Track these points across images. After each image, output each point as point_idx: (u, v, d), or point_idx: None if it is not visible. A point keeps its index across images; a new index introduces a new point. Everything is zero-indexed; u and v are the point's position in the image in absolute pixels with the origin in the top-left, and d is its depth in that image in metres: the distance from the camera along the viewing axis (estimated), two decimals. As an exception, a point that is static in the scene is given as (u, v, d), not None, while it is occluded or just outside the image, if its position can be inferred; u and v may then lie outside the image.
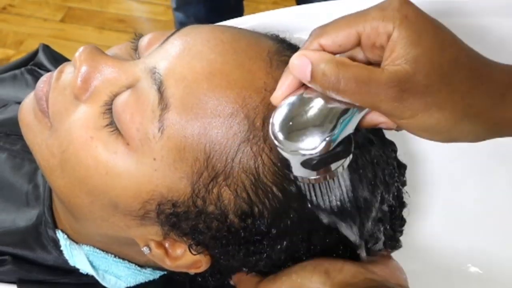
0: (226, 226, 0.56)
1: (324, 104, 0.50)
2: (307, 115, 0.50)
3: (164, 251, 0.60)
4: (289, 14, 0.91)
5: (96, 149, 0.56)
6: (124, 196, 0.56)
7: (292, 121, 0.50)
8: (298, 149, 0.50)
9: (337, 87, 0.48)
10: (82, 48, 0.59)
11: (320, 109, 0.50)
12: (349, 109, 0.50)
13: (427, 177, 0.94)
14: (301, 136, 0.50)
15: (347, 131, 0.51)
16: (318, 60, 0.48)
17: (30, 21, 2.14)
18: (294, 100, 0.51)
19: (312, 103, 0.50)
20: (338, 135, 0.50)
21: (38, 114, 0.60)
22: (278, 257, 0.58)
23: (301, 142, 0.50)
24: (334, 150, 0.50)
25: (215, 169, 0.54)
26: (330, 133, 0.49)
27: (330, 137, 0.49)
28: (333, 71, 0.48)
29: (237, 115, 0.54)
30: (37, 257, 0.68)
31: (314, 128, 0.50)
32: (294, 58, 0.49)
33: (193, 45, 0.56)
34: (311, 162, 0.50)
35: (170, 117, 0.54)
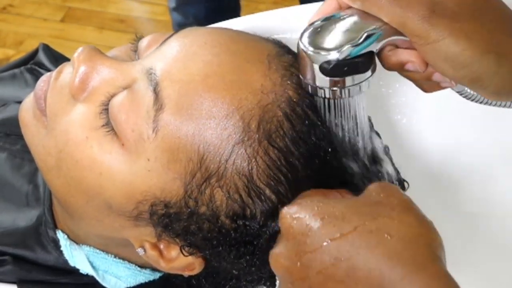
0: (217, 227, 0.56)
1: (355, 19, 0.52)
2: (336, 24, 0.52)
3: (158, 252, 0.60)
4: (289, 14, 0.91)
5: (91, 149, 0.56)
6: (118, 196, 0.56)
7: (321, 27, 0.52)
8: (320, 48, 0.51)
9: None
10: (81, 49, 0.59)
11: (350, 22, 0.52)
12: (377, 29, 0.51)
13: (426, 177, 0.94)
14: (326, 38, 0.51)
15: (370, 46, 0.51)
16: None
17: (30, 21, 2.14)
18: (328, 16, 0.53)
19: (344, 19, 0.52)
20: (361, 45, 0.51)
21: (37, 114, 0.60)
22: None
23: (324, 42, 0.51)
24: (355, 59, 0.51)
25: (208, 170, 0.54)
26: (354, 39, 0.51)
27: (353, 43, 0.50)
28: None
29: (232, 116, 0.54)
30: (37, 258, 0.68)
31: (339, 33, 0.51)
32: None
33: (190, 47, 0.57)
34: (330, 66, 0.51)
35: (165, 117, 0.54)
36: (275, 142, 0.54)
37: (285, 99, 0.55)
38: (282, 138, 0.54)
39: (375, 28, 0.51)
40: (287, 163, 0.54)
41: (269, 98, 0.54)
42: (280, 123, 0.54)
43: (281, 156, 0.54)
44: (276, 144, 0.54)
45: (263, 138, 0.54)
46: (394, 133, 0.64)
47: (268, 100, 0.54)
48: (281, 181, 0.55)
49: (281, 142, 0.54)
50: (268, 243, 0.56)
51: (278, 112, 0.54)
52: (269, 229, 0.56)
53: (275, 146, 0.54)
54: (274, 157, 0.54)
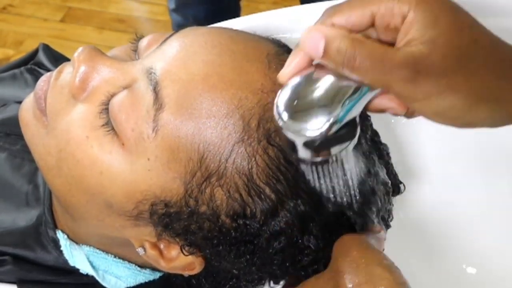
0: (218, 226, 0.56)
1: (332, 84, 0.49)
2: (313, 95, 0.49)
3: (158, 252, 0.60)
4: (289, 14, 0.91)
5: (92, 148, 0.56)
6: (119, 196, 0.56)
7: (297, 100, 0.49)
8: (301, 129, 0.49)
9: (351, 64, 0.46)
10: (81, 49, 0.59)
11: (326, 89, 0.49)
12: (357, 90, 0.49)
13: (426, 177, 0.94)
14: (306, 116, 0.49)
15: (353, 114, 0.49)
16: (332, 36, 0.47)
17: (30, 21, 2.14)
18: (301, 79, 0.50)
19: (319, 83, 0.49)
20: (344, 117, 0.49)
21: (37, 113, 0.60)
22: (273, 260, 0.58)
23: (305, 122, 0.49)
24: (339, 132, 0.49)
25: (208, 169, 0.54)
26: (335, 115, 0.48)
27: (335, 119, 0.48)
28: (348, 48, 0.46)
29: (232, 115, 0.54)
30: (37, 257, 0.68)
31: (319, 109, 0.48)
32: (305, 33, 0.48)
33: (190, 46, 0.57)
34: (314, 143, 0.49)
35: (165, 117, 0.54)
36: (275, 141, 0.54)
37: None
38: (282, 137, 0.54)
39: (355, 93, 0.48)
40: (286, 162, 0.54)
41: (269, 97, 0.54)
42: None
43: (281, 155, 0.54)
44: (276, 143, 0.54)
45: (262, 137, 0.54)
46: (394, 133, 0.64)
47: (268, 99, 0.54)
48: (281, 180, 0.55)
49: (281, 141, 0.54)
50: (268, 243, 0.56)
51: None
52: (269, 228, 0.56)
53: (275, 145, 0.54)
54: (273, 156, 0.54)
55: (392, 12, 0.47)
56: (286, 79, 0.50)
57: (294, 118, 0.49)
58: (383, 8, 0.48)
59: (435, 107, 0.48)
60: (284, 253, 0.57)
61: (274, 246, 0.56)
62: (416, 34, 0.46)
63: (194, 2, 1.67)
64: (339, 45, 0.46)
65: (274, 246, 0.56)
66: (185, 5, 1.69)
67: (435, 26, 0.46)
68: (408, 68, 0.46)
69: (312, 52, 0.48)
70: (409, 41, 0.47)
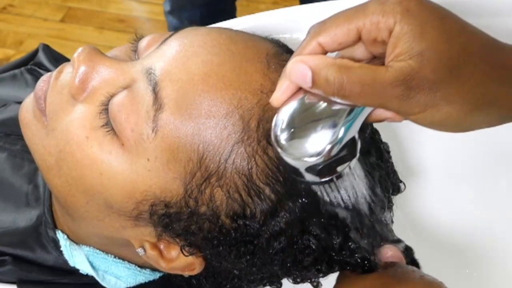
0: (218, 227, 0.56)
1: (326, 108, 0.49)
2: (309, 121, 0.49)
3: (158, 252, 0.60)
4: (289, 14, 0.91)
5: (91, 149, 0.56)
6: (118, 196, 0.56)
7: (294, 128, 0.49)
8: (302, 156, 0.49)
9: (342, 92, 0.46)
10: (81, 49, 0.59)
11: (322, 114, 0.49)
12: (352, 110, 0.49)
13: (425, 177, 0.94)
14: (304, 143, 0.49)
15: (351, 134, 0.49)
16: (319, 66, 0.46)
17: (30, 21, 2.14)
18: (295, 106, 0.49)
19: (314, 108, 0.49)
20: (343, 139, 0.49)
21: (37, 113, 0.60)
22: (273, 260, 0.58)
23: (304, 149, 0.49)
24: (339, 154, 0.49)
25: (208, 169, 0.54)
26: (334, 138, 0.48)
27: (334, 142, 0.48)
28: (336, 76, 0.46)
29: (231, 116, 0.54)
30: (37, 258, 0.68)
31: (317, 134, 0.48)
32: (291, 64, 0.47)
33: (190, 47, 0.57)
34: (316, 168, 0.49)
35: (164, 117, 0.54)
36: None
37: None
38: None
39: (350, 114, 0.48)
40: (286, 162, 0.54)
41: (269, 98, 0.54)
42: None
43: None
44: None
45: (262, 138, 0.54)
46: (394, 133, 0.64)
47: (267, 99, 0.54)
48: (280, 180, 0.55)
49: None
50: (269, 243, 0.56)
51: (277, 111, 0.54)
52: (269, 229, 0.56)
53: None
54: (273, 156, 0.54)
55: (378, 27, 0.47)
56: (279, 104, 0.50)
57: (293, 146, 0.49)
58: (368, 23, 0.47)
59: (431, 118, 0.48)
60: (284, 253, 0.57)
61: (274, 246, 0.56)
62: (404, 48, 0.46)
63: (190, 5, 1.66)
64: (326, 75, 0.46)
65: (274, 247, 0.56)
66: (180, 8, 1.68)
67: (423, 38, 0.46)
68: (400, 86, 0.46)
69: (300, 83, 0.47)
70: (398, 56, 0.46)
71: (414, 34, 0.46)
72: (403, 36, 0.46)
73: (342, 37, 0.48)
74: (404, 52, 0.46)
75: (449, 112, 0.47)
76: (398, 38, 0.46)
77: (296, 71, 0.47)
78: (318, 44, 0.49)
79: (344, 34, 0.48)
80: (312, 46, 0.49)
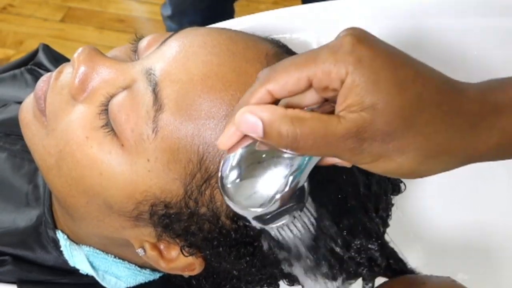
0: (218, 228, 0.56)
1: (275, 156, 0.47)
2: (257, 169, 0.47)
3: (158, 253, 0.60)
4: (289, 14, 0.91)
5: (91, 149, 0.56)
6: (118, 196, 0.56)
7: (241, 176, 0.48)
8: (249, 207, 0.48)
9: (295, 145, 0.45)
10: (81, 49, 0.59)
11: (270, 163, 0.47)
12: (300, 163, 0.47)
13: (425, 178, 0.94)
14: (252, 193, 0.48)
15: (300, 182, 0.48)
16: (270, 119, 0.44)
17: (30, 21, 2.14)
18: (243, 153, 0.48)
19: (262, 156, 0.47)
20: (291, 189, 0.48)
21: (37, 114, 0.60)
22: (273, 262, 0.58)
23: (251, 199, 0.48)
24: (287, 204, 0.48)
25: (208, 170, 0.54)
26: (283, 188, 0.47)
27: (282, 192, 0.47)
28: (289, 130, 0.44)
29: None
30: (37, 258, 0.68)
31: (265, 184, 0.47)
32: (241, 114, 0.45)
33: (190, 47, 0.57)
34: (263, 217, 0.49)
35: (164, 118, 0.54)
36: None
37: None
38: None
39: (300, 163, 0.47)
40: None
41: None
42: None
43: None
44: None
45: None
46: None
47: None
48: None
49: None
50: (268, 244, 0.56)
51: None
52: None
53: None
54: None
55: (330, 76, 0.45)
56: (225, 148, 0.48)
57: (239, 195, 0.48)
58: (320, 72, 0.45)
59: (383, 168, 0.47)
60: (284, 254, 0.57)
61: (274, 247, 0.56)
62: (356, 99, 0.44)
63: (191, 9, 1.64)
64: (279, 128, 0.44)
65: (273, 247, 0.56)
66: (182, 13, 1.66)
67: (375, 90, 0.44)
68: (351, 138, 0.44)
69: (250, 134, 0.45)
70: (349, 106, 0.44)
71: (367, 86, 0.44)
72: (355, 88, 0.44)
73: (292, 85, 0.46)
74: (355, 104, 0.44)
75: (402, 163, 0.46)
76: (349, 90, 0.44)
77: (246, 122, 0.45)
78: (267, 92, 0.47)
79: (294, 83, 0.46)
80: (261, 94, 0.47)
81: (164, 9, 1.71)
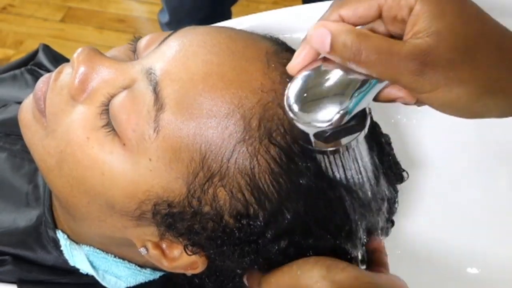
0: (221, 226, 0.56)
1: (341, 76, 0.50)
2: (323, 86, 0.50)
3: (161, 252, 0.60)
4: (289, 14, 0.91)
5: (93, 149, 0.56)
6: (120, 196, 0.56)
7: (307, 92, 0.50)
8: (311, 121, 0.50)
9: (358, 58, 0.47)
10: (81, 49, 0.59)
11: (336, 81, 0.50)
12: (366, 82, 0.50)
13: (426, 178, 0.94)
14: (316, 108, 0.49)
15: (362, 105, 0.50)
16: (338, 31, 0.48)
17: (30, 21, 2.14)
18: (310, 72, 0.51)
19: (329, 75, 0.50)
20: (353, 108, 0.49)
21: (36, 114, 0.60)
22: (277, 259, 0.58)
23: (315, 113, 0.49)
24: (348, 123, 0.50)
25: (210, 169, 0.54)
26: (345, 106, 0.49)
27: (345, 110, 0.49)
28: (354, 42, 0.47)
29: (233, 115, 0.54)
30: (37, 257, 0.68)
31: (329, 100, 0.49)
32: (313, 29, 0.49)
33: (189, 46, 0.57)
34: (324, 134, 0.50)
35: (165, 117, 0.54)
36: (276, 140, 0.54)
37: None
38: (283, 136, 0.54)
39: (364, 85, 0.49)
40: (288, 160, 0.54)
41: (269, 97, 0.55)
42: (280, 121, 0.54)
43: (282, 154, 0.54)
44: (277, 142, 0.54)
45: (264, 137, 0.54)
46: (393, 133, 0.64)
47: (268, 98, 0.54)
48: (283, 178, 0.55)
49: (282, 140, 0.54)
50: (272, 242, 0.56)
51: (278, 110, 0.54)
52: (273, 228, 0.56)
53: (276, 144, 0.54)
54: (275, 155, 0.54)
55: (399, 4, 0.48)
56: (296, 70, 0.51)
57: (304, 110, 0.50)
58: (390, 0, 0.49)
59: (442, 98, 0.49)
60: (288, 252, 0.57)
61: (278, 245, 0.56)
62: (423, 26, 0.47)
63: (188, 16, 1.63)
64: (344, 39, 0.47)
65: (278, 246, 0.56)
66: (179, 21, 1.65)
67: (442, 18, 0.47)
68: (415, 60, 0.47)
69: (319, 47, 0.49)
70: (416, 33, 0.47)
71: (434, 13, 0.47)
72: (423, 14, 0.47)
73: (363, 11, 0.50)
74: (422, 30, 0.47)
75: (460, 94, 0.48)
76: (417, 16, 0.47)
77: (316, 36, 0.48)
78: (339, 16, 0.50)
79: (366, 9, 0.50)
80: (333, 18, 0.50)
81: (162, 15, 1.70)
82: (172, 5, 1.64)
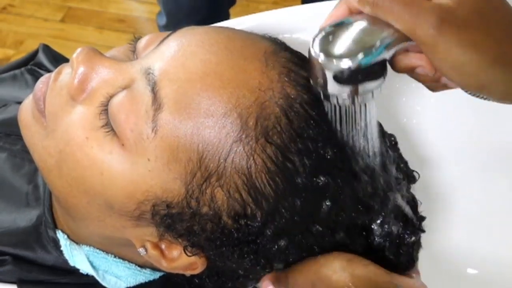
0: (220, 227, 0.56)
1: (367, 25, 0.52)
2: (349, 31, 0.52)
3: (160, 252, 0.60)
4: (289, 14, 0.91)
5: (92, 149, 0.56)
6: (119, 196, 0.56)
7: (333, 34, 0.52)
8: (333, 56, 0.51)
9: (381, 3, 0.49)
10: (80, 50, 0.59)
11: (362, 29, 0.52)
12: (390, 34, 0.51)
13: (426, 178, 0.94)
14: (340, 46, 0.51)
15: (383, 55, 0.51)
16: None
17: (30, 21, 2.14)
18: (337, 22, 0.53)
19: (355, 24, 0.52)
20: (374, 53, 0.51)
21: (36, 115, 0.60)
22: (277, 258, 0.58)
23: (338, 50, 0.51)
24: (368, 69, 0.51)
25: (208, 169, 0.54)
26: (368, 49, 0.50)
27: (367, 53, 0.50)
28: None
29: (230, 114, 0.54)
30: (37, 257, 0.68)
31: (353, 42, 0.51)
32: None
33: (188, 46, 0.57)
34: (344, 75, 0.51)
35: (163, 117, 0.54)
36: (272, 139, 0.54)
37: (282, 96, 0.55)
38: (279, 135, 0.54)
39: (387, 35, 0.51)
40: (284, 159, 0.54)
41: (267, 96, 0.55)
42: (277, 120, 0.54)
43: (278, 153, 0.54)
44: (273, 140, 0.54)
45: (260, 136, 0.54)
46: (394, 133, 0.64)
47: (265, 97, 0.54)
48: (279, 177, 0.55)
49: (278, 138, 0.54)
50: (271, 241, 0.56)
51: (275, 109, 0.55)
52: (271, 227, 0.56)
53: (272, 143, 0.54)
54: (271, 154, 0.54)
55: None
56: (326, 24, 0.53)
57: (327, 47, 0.51)
58: None
59: (454, 59, 0.50)
60: (288, 250, 0.57)
61: (277, 244, 0.56)
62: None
63: (186, 18, 1.63)
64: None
65: (277, 245, 0.56)
66: (177, 23, 1.65)
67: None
68: (434, 14, 0.49)
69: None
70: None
71: None
72: None
73: None
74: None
75: (472, 57, 0.50)
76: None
77: None
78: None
79: None
80: None
81: (160, 18, 1.69)
82: (169, 8, 1.64)
